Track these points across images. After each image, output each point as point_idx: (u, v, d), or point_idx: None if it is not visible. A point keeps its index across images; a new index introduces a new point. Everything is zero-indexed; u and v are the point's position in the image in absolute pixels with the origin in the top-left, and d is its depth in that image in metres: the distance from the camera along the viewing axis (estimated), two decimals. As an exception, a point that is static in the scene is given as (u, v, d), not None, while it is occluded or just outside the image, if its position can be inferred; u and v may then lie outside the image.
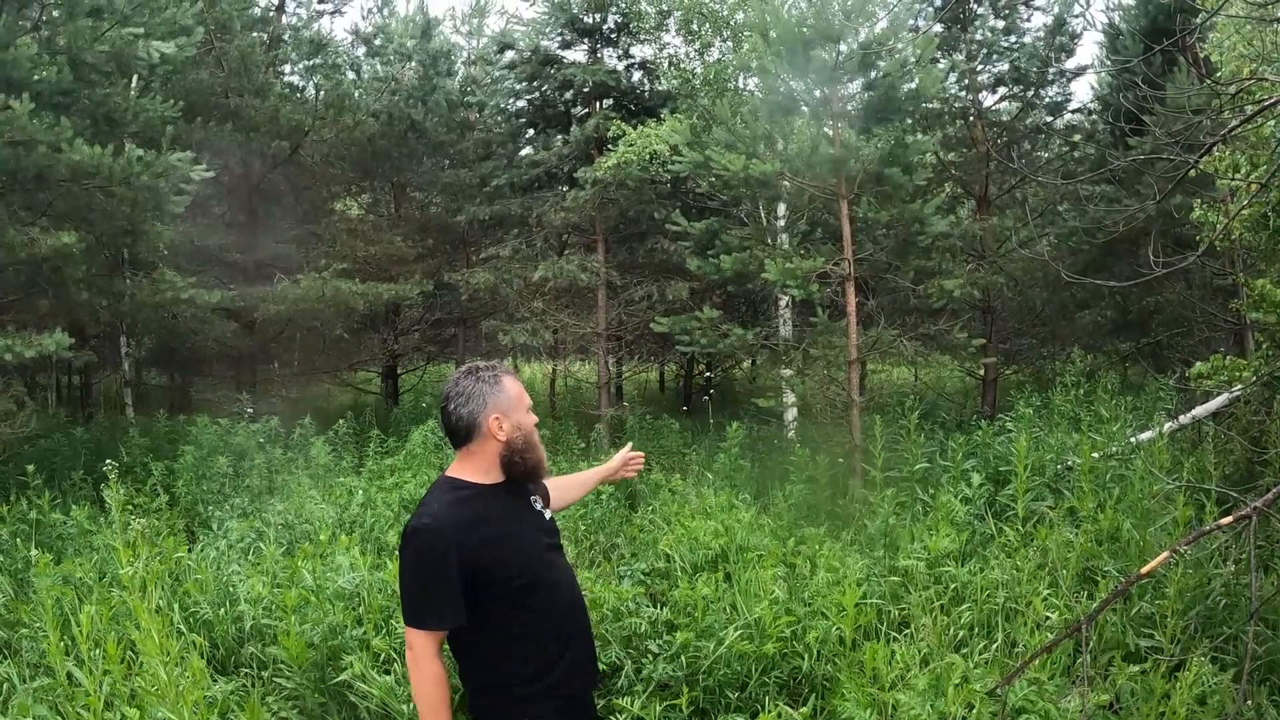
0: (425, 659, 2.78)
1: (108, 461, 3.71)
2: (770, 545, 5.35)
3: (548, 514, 3.11)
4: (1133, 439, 7.38)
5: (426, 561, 2.76)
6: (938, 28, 13.96)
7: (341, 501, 7.19)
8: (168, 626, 4.18)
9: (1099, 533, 5.33)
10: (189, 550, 5.92)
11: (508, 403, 2.95)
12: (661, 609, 4.50)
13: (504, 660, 2.88)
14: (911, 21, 12.41)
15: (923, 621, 3.82)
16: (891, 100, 9.46)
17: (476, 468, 2.94)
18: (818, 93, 9.93)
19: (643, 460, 3.44)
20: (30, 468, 7.09)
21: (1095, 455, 6.80)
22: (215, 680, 4.09)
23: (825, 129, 9.90)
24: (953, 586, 4.68)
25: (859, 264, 9.58)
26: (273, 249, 15.82)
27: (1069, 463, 7.31)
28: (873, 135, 9.55)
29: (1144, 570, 3.25)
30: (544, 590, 2.91)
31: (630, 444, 3.48)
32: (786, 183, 9.63)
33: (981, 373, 14.09)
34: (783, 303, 13.60)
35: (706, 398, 12.77)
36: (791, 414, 13.09)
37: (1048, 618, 4.13)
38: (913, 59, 9.51)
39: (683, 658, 3.98)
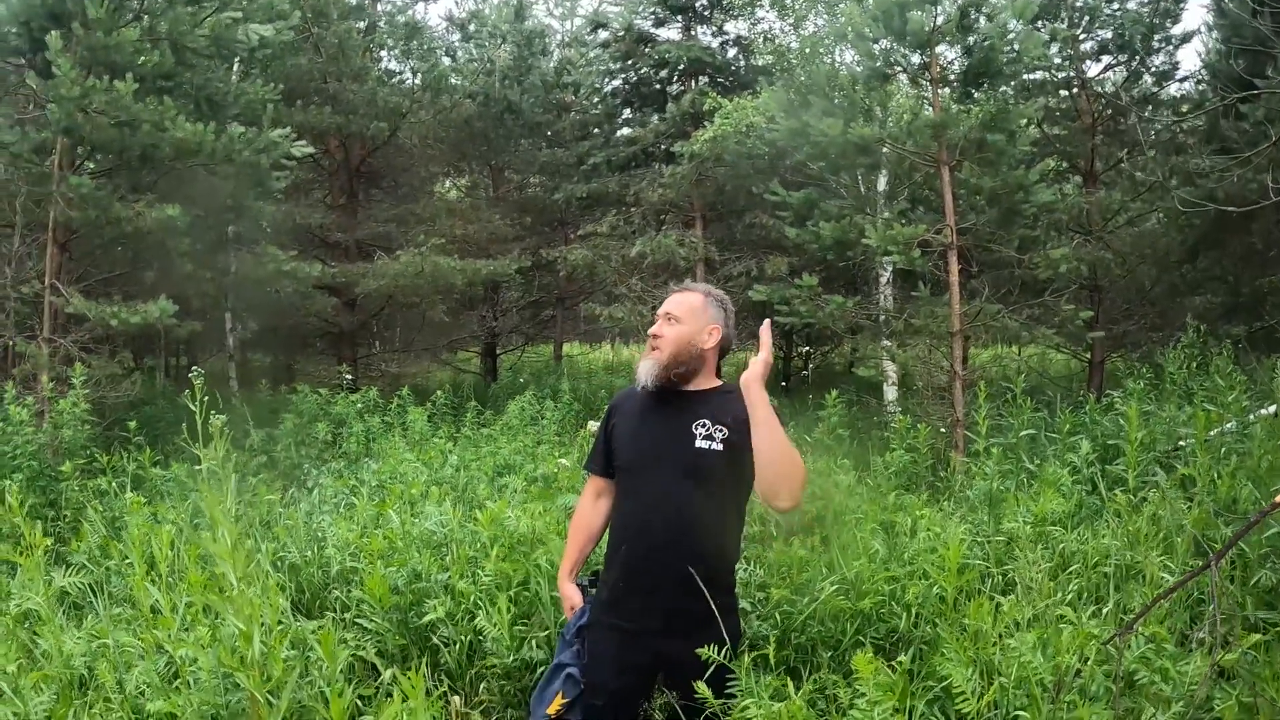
0: (582, 494, 3.49)
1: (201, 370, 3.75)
2: (869, 509, 5.22)
3: (705, 444, 3.01)
4: (1251, 416, 7.02)
5: (601, 420, 3.39)
6: (1038, -8, 13.45)
7: (436, 463, 7.26)
8: (253, 562, 4.27)
9: (1216, 501, 5.07)
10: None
11: None
12: (756, 570, 4.42)
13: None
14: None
15: (1030, 580, 3.66)
16: (992, 64, 9.17)
17: None
18: (915, 58, 9.69)
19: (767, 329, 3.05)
20: (132, 424, 7.27)
21: (1211, 432, 6.50)
22: (297, 620, 4.14)
23: (924, 94, 9.66)
24: (1060, 549, 4.50)
25: (961, 234, 9.33)
26: (373, 228, 16.11)
27: (1181, 440, 6.97)
28: (974, 101, 9.27)
29: None
30: (631, 486, 3.19)
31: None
32: (886, 150, 9.41)
33: (1089, 355, 13.64)
34: (883, 279, 13.35)
35: (805, 372, 12.58)
36: (892, 393, 12.86)
37: (1165, 579, 3.93)
38: (1013, 21, 9.19)
39: (776, 614, 3.90)
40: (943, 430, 8.49)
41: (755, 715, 2.63)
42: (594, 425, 4.93)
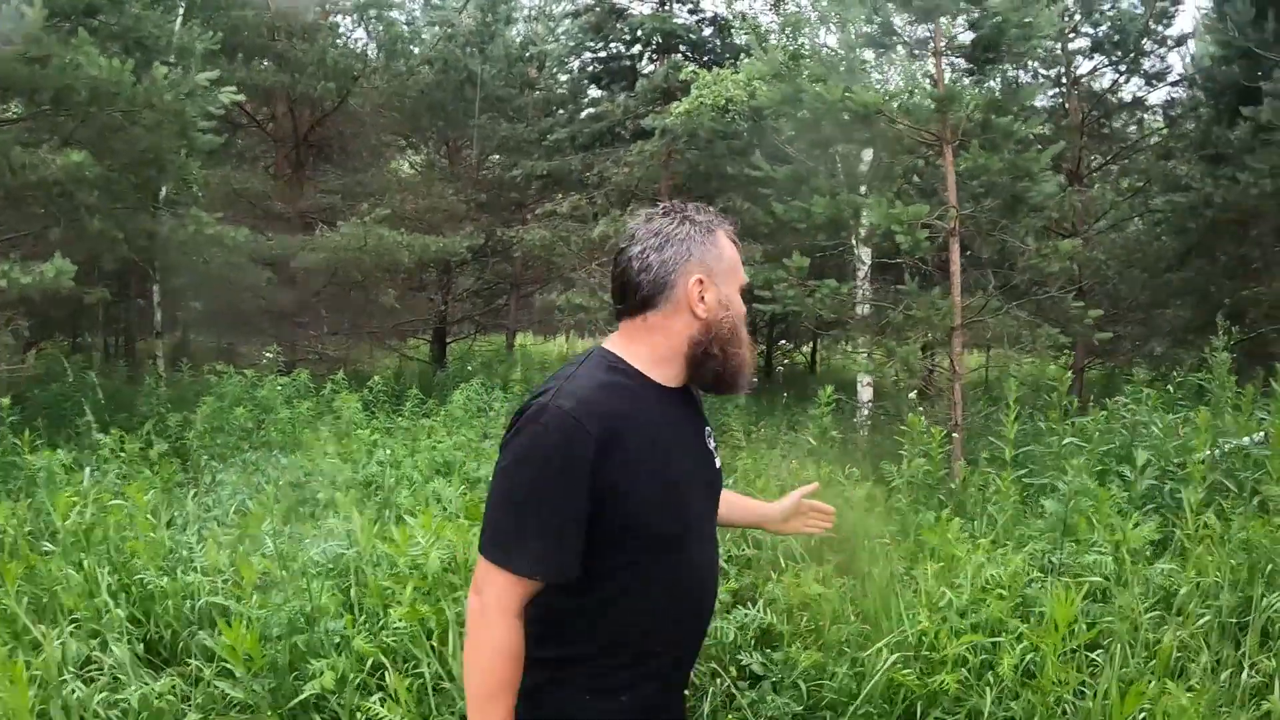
0: (495, 613, 1.76)
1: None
2: (892, 532, 4.19)
3: (718, 460, 2.08)
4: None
5: (548, 460, 1.72)
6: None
7: (359, 457, 6.11)
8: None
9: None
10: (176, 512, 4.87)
11: (720, 265, 1.91)
12: (755, 609, 3.38)
13: (588, 632, 1.83)
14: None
15: (1140, 637, 2.72)
16: (1004, 36, 8.31)
17: (646, 352, 1.89)
18: (919, 30, 8.83)
19: (830, 517, 2.37)
20: (5, 401, 6.11)
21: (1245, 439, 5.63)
22: (143, 675, 2.98)
23: (925, 69, 8.85)
24: (1169, 587, 3.50)
25: (964, 220, 8.44)
26: (318, 199, 15.00)
27: (1226, 446, 6.06)
28: (980, 77, 8.47)
29: None
30: (670, 561, 1.85)
31: (815, 486, 2.40)
32: (884, 124, 8.50)
33: (1068, 365, 12.95)
34: (860, 272, 12.45)
35: (781, 368, 11.68)
36: (867, 393, 12.03)
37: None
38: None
39: (801, 684, 2.85)
40: (952, 436, 7.60)
41: None
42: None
